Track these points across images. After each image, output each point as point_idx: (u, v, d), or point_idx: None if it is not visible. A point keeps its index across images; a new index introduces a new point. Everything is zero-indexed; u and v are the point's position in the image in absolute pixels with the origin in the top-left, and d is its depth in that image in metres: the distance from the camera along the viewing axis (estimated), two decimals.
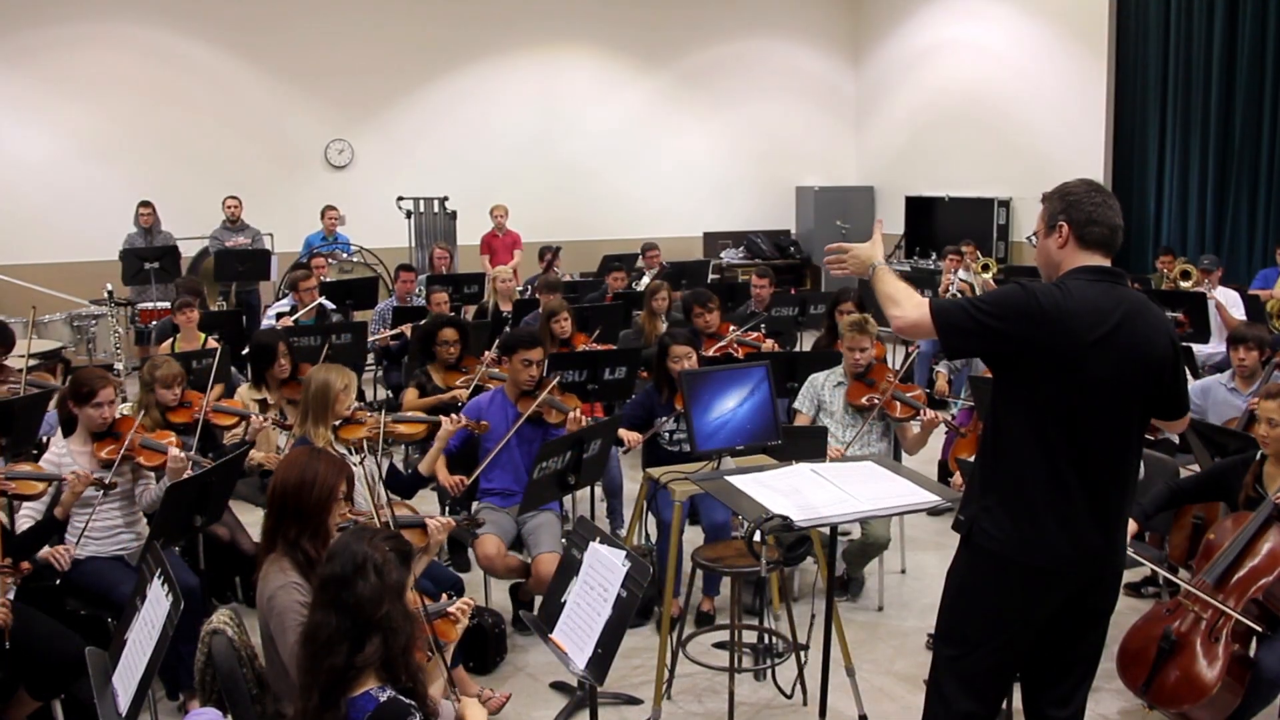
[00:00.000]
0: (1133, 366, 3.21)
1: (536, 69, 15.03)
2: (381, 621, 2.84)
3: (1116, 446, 3.27)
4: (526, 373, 5.82)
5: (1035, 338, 3.19)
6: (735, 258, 16.02)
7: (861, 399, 6.07)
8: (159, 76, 13.13)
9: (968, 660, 3.48)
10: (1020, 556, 3.29)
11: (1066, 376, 3.20)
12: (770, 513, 3.55)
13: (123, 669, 3.46)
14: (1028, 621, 3.39)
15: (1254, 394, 5.95)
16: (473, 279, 10.96)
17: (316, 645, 2.85)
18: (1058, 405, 3.22)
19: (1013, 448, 3.32)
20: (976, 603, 3.45)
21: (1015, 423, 3.32)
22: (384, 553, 2.92)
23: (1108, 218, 3.29)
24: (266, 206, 12.94)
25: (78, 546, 4.89)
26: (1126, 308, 3.22)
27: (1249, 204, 12.04)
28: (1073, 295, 3.20)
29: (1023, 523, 3.28)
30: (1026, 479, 3.28)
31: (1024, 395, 3.29)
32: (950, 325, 3.25)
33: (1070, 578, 3.31)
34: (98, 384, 5.04)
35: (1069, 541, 3.25)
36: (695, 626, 5.71)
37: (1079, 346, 3.16)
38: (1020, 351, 3.24)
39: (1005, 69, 14.28)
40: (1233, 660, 4.19)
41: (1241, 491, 4.68)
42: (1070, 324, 3.16)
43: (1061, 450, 3.23)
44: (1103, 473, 3.25)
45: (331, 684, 2.81)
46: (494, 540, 5.37)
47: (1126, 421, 3.27)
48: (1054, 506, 3.25)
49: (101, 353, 10.91)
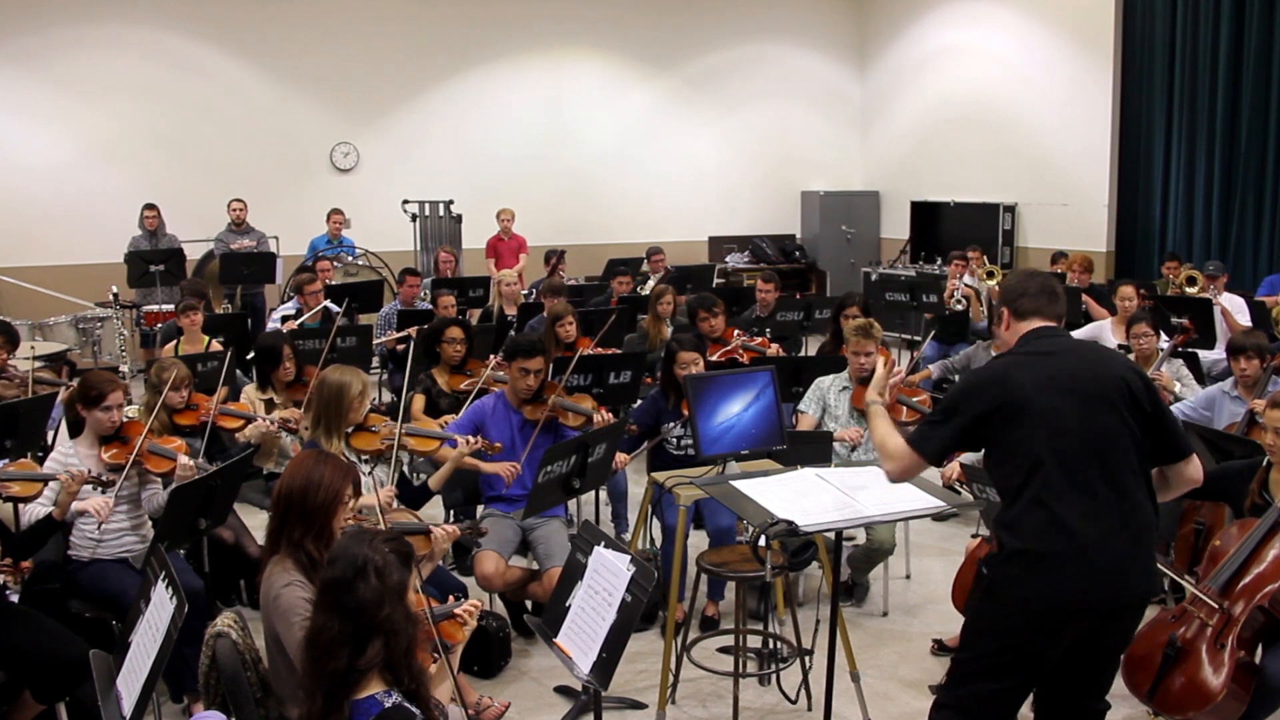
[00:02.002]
0: (1096, 394, 3.37)
1: (542, 72, 15.03)
2: (383, 624, 2.84)
3: (1114, 472, 3.35)
4: (524, 381, 5.80)
5: (991, 403, 3.41)
6: (740, 262, 16.01)
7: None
8: (164, 79, 13.14)
9: (978, 681, 3.51)
10: (1037, 604, 3.35)
11: (1026, 421, 3.35)
12: (775, 517, 3.56)
13: (127, 672, 3.46)
14: (1045, 655, 3.45)
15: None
16: (478, 283, 10.96)
17: (319, 649, 2.85)
18: (1032, 451, 3.35)
19: (1011, 498, 3.42)
20: (995, 635, 3.49)
21: (1006, 476, 3.45)
22: (384, 555, 2.92)
23: (1035, 285, 3.59)
24: (272, 209, 12.95)
25: (93, 548, 4.91)
26: (1067, 350, 3.52)
27: (1255, 210, 12.02)
28: (1013, 358, 3.50)
29: (1039, 572, 3.34)
30: (1040, 530, 3.34)
31: (1003, 452, 3.45)
32: (931, 451, 3.50)
33: (1086, 614, 3.35)
34: (107, 387, 5.04)
35: (1089, 580, 3.31)
36: (700, 631, 5.69)
37: (1034, 393, 3.36)
38: (987, 422, 3.43)
39: (1011, 74, 14.28)
40: (1238, 667, 4.18)
41: (1247, 498, 4.66)
42: (1018, 381, 3.40)
43: (1061, 495, 3.32)
44: (1098, 509, 3.32)
45: (335, 687, 2.81)
46: (492, 558, 5.34)
47: (1116, 444, 3.36)
48: (1072, 553, 3.30)
49: (106, 355, 10.93)
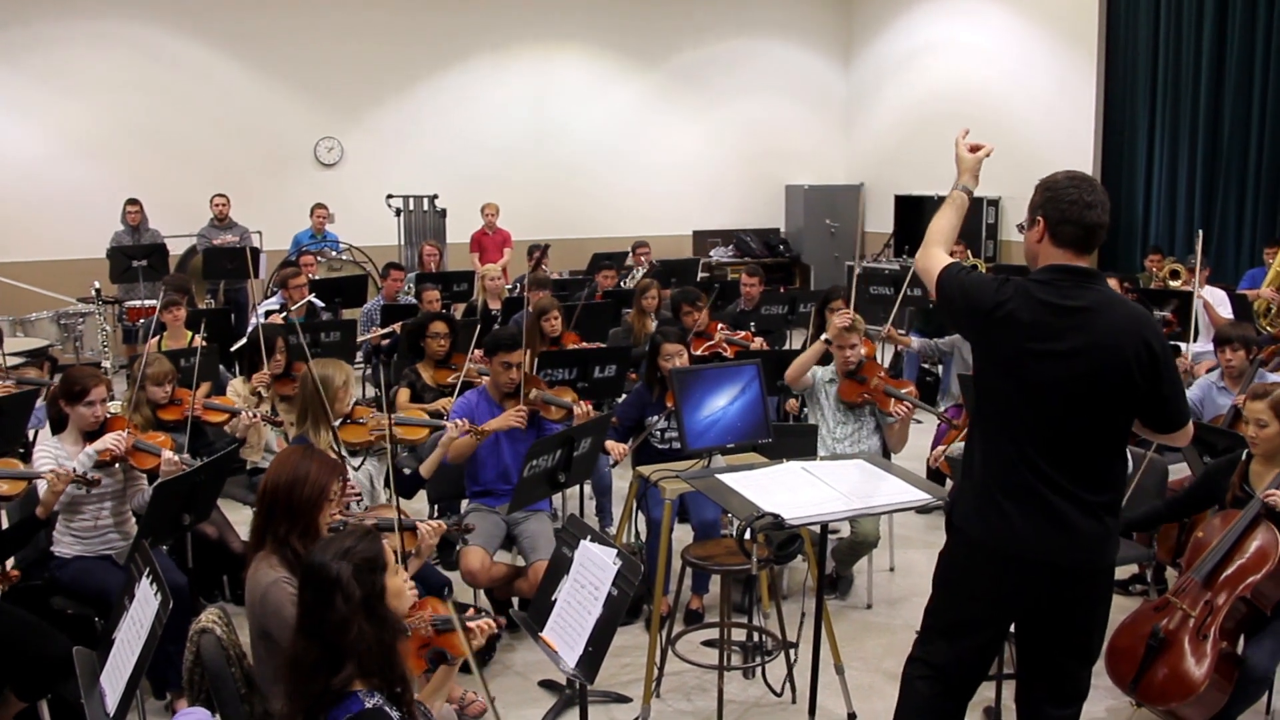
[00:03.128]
0: (1083, 372, 3.22)
1: (527, 67, 15.00)
2: (353, 644, 2.85)
3: (1075, 447, 3.28)
4: (506, 375, 5.77)
5: (983, 334, 3.35)
6: (725, 256, 16.02)
7: (855, 396, 6.07)
8: (147, 74, 13.08)
9: (944, 637, 3.56)
10: (987, 539, 3.36)
11: (1010, 378, 3.29)
12: (761, 511, 3.55)
13: (110, 669, 3.44)
14: (1001, 607, 3.45)
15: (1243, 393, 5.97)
16: (462, 277, 10.95)
17: (300, 673, 2.87)
18: (1007, 403, 3.31)
19: (980, 438, 3.42)
20: (953, 582, 3.55)
21: (981, 413, 3.45)
22: (348, 571, 2.91)
23: (1084, 218, 3.30)
24: (255, 204, 12.90)
25: (73, 545, 4.90)
26: (1090, 310, 3.25)
27: (1237, 204, 12.08)
28: (1026, 300, 3.27)
29: (988, 511, 3.35)
30: (990, 469, 3.37)
31: (984, 388, 3.42)
32: (941, 291, 3.43)
33: (1042, 568, 3.33)
34: (90, 383, 5.00)
35: (1032, 533, 3.29)
36: (684, 625, 5.70)
37: (1019, 353, 3.25)
38: (975, 342, 3.41)
39: (995, 68, 14.32)
40: (1220, 658, 4.20)
41: (1229, 491, 4.69)
42: (1012, 330, 3.25)
43: (1015, 446, 3.30)
44: (1061, 471, 3.27)
45: (314, 706, 2.83)
46: (478, 554, 5.32)
47: (1091, 424, 3.27)
48: (1013, 498, 3.31)
49: (89, 351, 10.86)
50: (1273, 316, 8.49)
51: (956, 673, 3.58)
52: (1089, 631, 3.50)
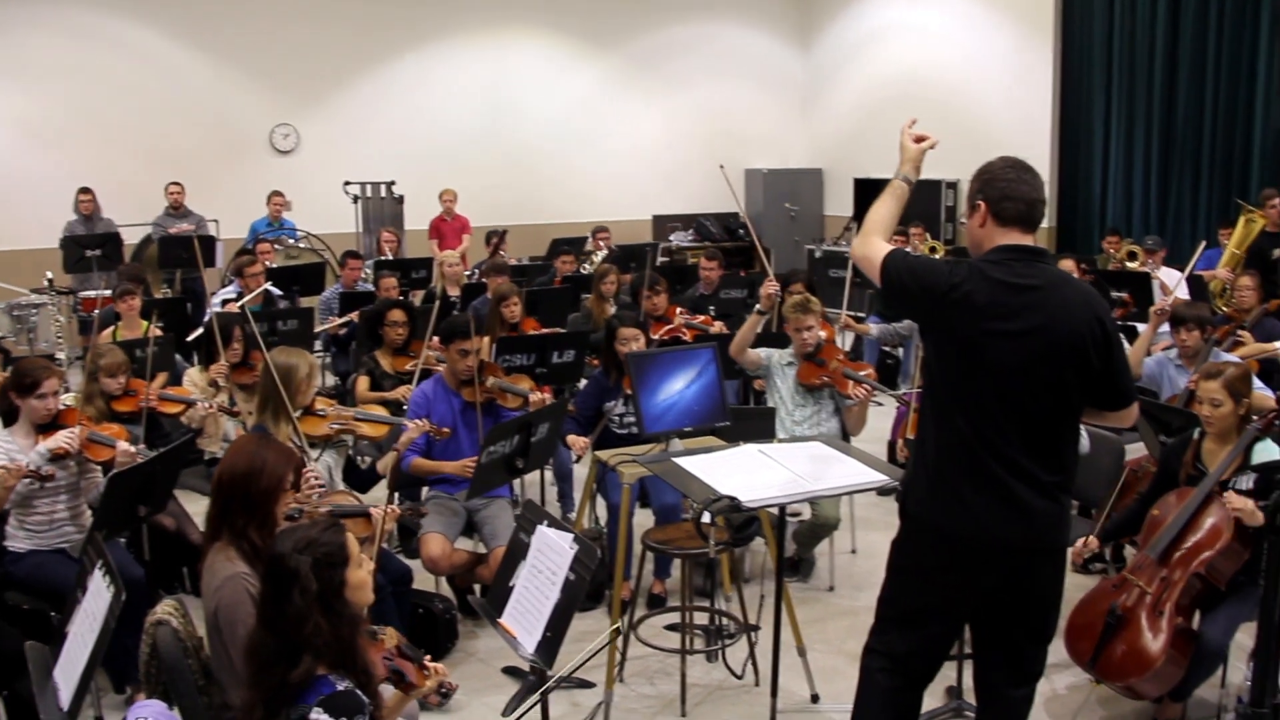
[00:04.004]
0: (1046, 347, 3.22)
1: (485, 52, 14.91)
2: (309, 639, 2.83)
3: (1037, 427, 3.28)
4: (464, 362, 5.75)
5: (937, 316, 3.30)
6: (684, 240, 16.01)
7: (813, 378, 6.08)
8: (98, 60, 12.88)
9: (901, 627, 3.55)
10: (944, 526, 3.35)
11: (967, 360, 3.27)
12: (718, 494, 3.56)
13: (64, 663, 3.41)
14: (959, 593, 3.44)
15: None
16: (420, 264, 10.89)
17: (258, 663, 2.87)
18: (963, 385, 3.29)
19: (933, 421, 3.40)
20: (909, 571, 3.53)
21: (933, 396, 3.42)
22: (309, 564, 2.89)
23: (1023, 193, 3.32)
24: (211, 192, 12.77)
25: (27, 540, 4.84)
26: (1043, 289, 3.25)
27: (1192, 185, 12.18)
28: (981, 281, 3.25)
29: (944, 494, 3.34)
30: (945, 452, 3.35)
31: (937, 370, 3.39)
32: (886, 277, 3.37)
33: (999, 552, 3.34)
34: (41, 375, 4.92)
35: (989, 515, 3.29)
36: (647, 609, 5.71)
37: (977, 334, 3.23)
38: (929, 325, 3.37)
39: (953, 52, 14.35)
40: (1176, 633, 4.25)
41: (1182, 470, 4.73)
42: (969, 311, 3.23)
43: (971, 428, 3.28)
44: (1023, 453, 3.27)
45: (272, 698, 2.81)
46: (438, 540, 5.31)
47: (1047, 403, 3.27)
48: (970, 480, 3.30)
49: (43, 342, 10.74)
50: (1228, 296, 8.56)
51: (916, 662, 3.58)
52: (1045, 611, 3.52)
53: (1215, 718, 4.63)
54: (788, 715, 4.72)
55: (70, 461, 4.92)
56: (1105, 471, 5.48)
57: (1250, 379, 4.78)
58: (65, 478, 4.92)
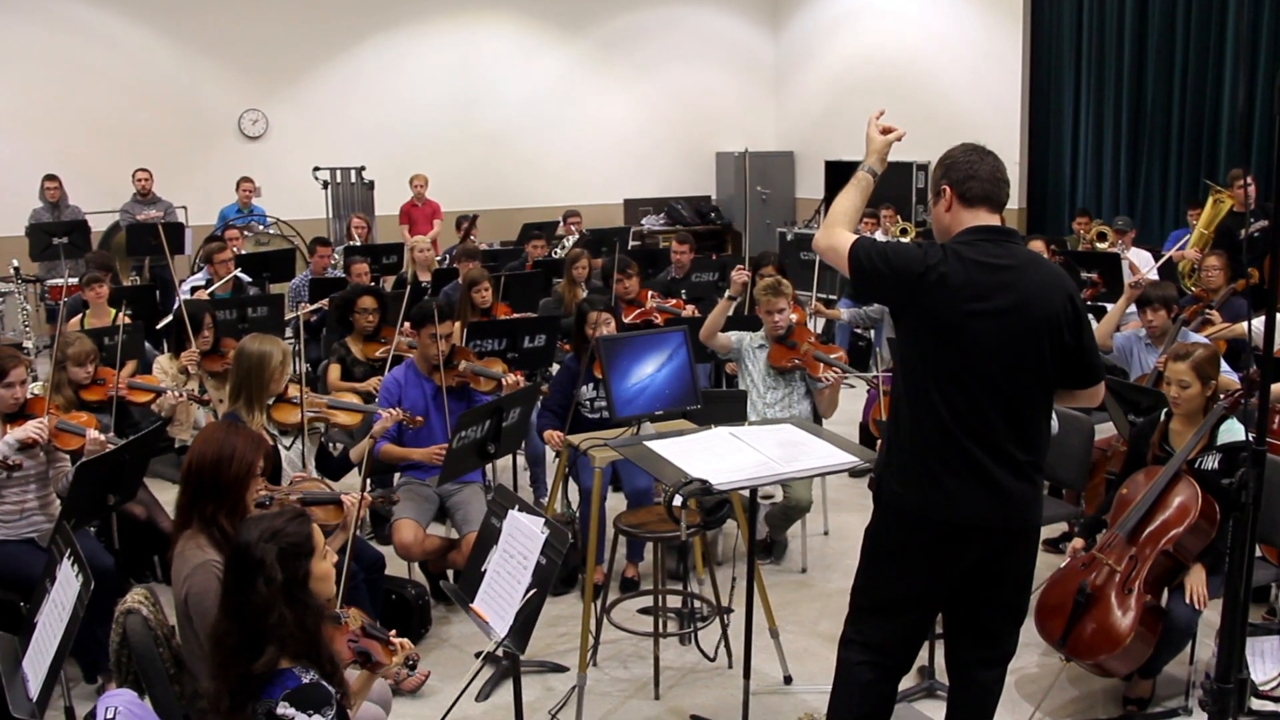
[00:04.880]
0: (1023, 327, 3.23)
1: (455, 36, 14.84)
2: (273, 629, 2.83)
3: (1015, 408, 3.29)
4: (435, 347, 5.73)
5: (914, 299, 3.28)
6: (656, 224, 16.00)
7: (784, 361, 6.09)
8: (63, 45, 12.76)
9: (877, 615, 3.54)
10: (921, 511, 3.35)
11: (945, 341, 3.26)
12: (689, 477, 3.55)
13: (33, 653, 3.39)
14: (936, 578, 3.44)
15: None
16: (391, 249, 10.85)
17: (223, 653, 2.86)
18: (940, 367, 3.28)
19: (908, 405, 3.39)
20: (886, 559, 3.52)
21: (908, 380, 3.40)
22: (274, 554, 2.87)
23: (986, 172, 3.35)
24: (179, 179, 12.71)
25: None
26: (1016, 269, 3.26)
27: (1161, 167, 12.26)
28: (957, 262, 3.25)
29: (921, 479, 3.33)
30: (920, 436, 3.34)
31: (913, 354, 3.37)
32: (856, 265, 3.34)
33: (976, 534, 3.34)
34: (9, 363, 4.88)
35: (966, 497, 3.29)
36: (620, 593, 5.72)
37: (956, 315, 3.22)
38: (905, 312, 3.34)
39: (923, 34, 14.38)
40: (1145, 611, 4.29)
41: (1149, 450, 4.77)
42: (947, 293, 3.22)
43: (949, 410, 3.27)
44: (1001, 433, 3.28)
45: (238, 689, 2.81)
46: (410, 526, 5.31)
47: (1024, 382, 3.28)
48: (947, 463, 3.29)
49: (10, 331, 10.67)
50: (1196, 277, 8.61)
51: (894, 650, 3.58)
52: (1018, 591, 3.54)
53: (1184, 694, 4.67)
54: (761, 697, 4.74)
55: (39, 450, 4.88)
56: (1075, 451, 5.51)
57: (1218, 361, 4.81)
58: (34, 467, 4.88)
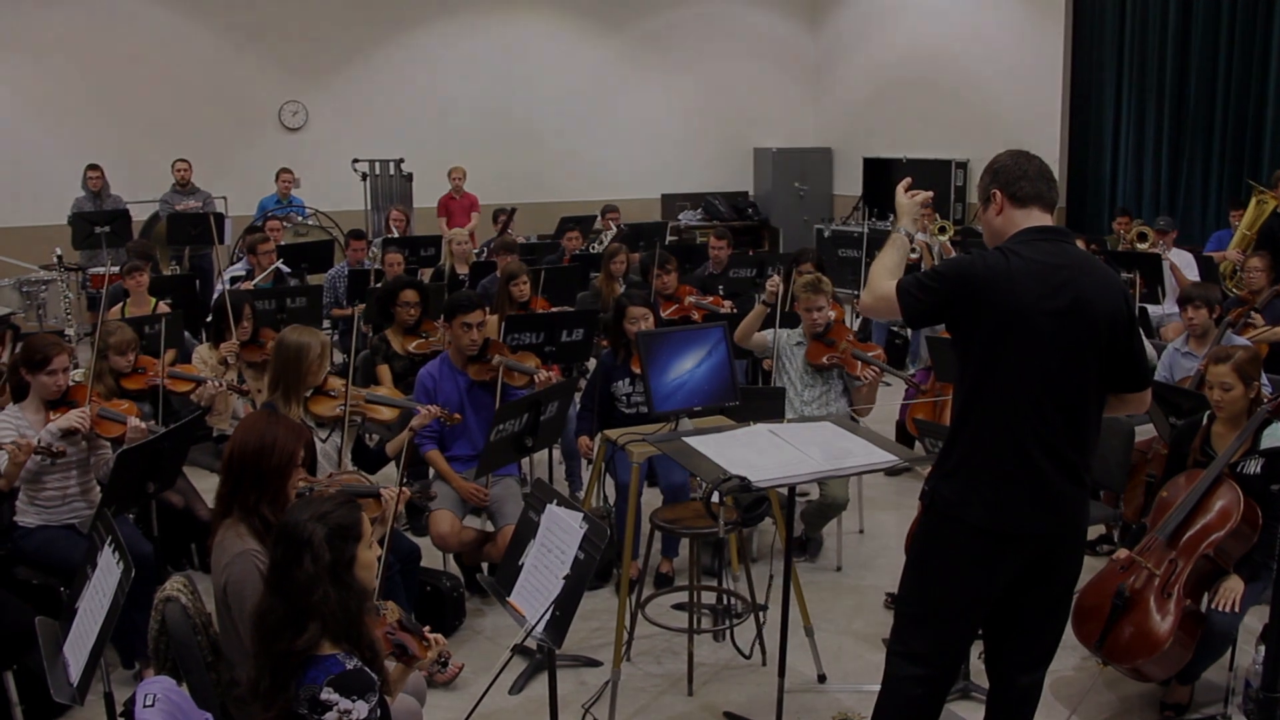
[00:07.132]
0: (1084, 326, 3.21)
1: (494, 29, 14.88)
2: (317, 607, 2.83)
3: (1073, 408, 3.26)
4: (468, 336, 5.72)
5: (983, 304, 3.22)
6: (693, 219, 15.99)
7: (822, 358, 6.07)
8: (107, 37, 12.88)
9: (926, 625, 3.51)
10: (979, 522, 3.30)
11: (1017, 340, 3.21)
12: (728, 474, 3.54)
13: (74, 638, 3.42)
14: (988, 587, 3.41)
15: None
16: (429, 241, 10.88)
17: (266, 629, 2.86)
18: (1006, 366, 3.24)
19: (972, 413, 3.34)
20: (937, 568, 3.47)
21: (973, 387, 3.34)
22: (320, 534, 2.89)
23: (1035, 172, 3.34)
24: (219, 169, 12.79)
25: (37, 516, 4.85)
26: (1074, 268, 3.24)
27: (1203, 166, 12.14)
28: (1019, 260, 3.22)
29: (982, 488, 3.29)
30: (980, 443, 3.30)
31: (979, 360, 3.31)
32: (908, 298, 3.32)
33: (1030, 541, 3.32)
34: (51, 351, 4.93)
35: (1029, 506, 3.27)
36: (654, 588, 5.71)
37: (1027, 312, 3.18)
38: (972, 317, 3.28)
39: (963, 31, 14.27)
40: (1185, 615, 4.24)
41: (1190, 454, 4.72)
42: (1016, 290, 3.18)
43: (1011, 410, 3.24)
44: (1060, 435, 3.25)
45: (279, 667, 2.81)
46: (448, 518, 5.32)
47: (1082, 382, 3.26)
48: (1005, 470, 3.26)
49: (52, 319, 10.75)
50: (1239, 278, 8.53)
51: (942, 660, 3.54)
52: (1063, 594, 3.51)
53: (1223, 700, 4.62)
54: (795, 695, 4.72)
55: (80, 438, 4.93)
56: (1115, 453, 5.47)
57: (1260, 362, 4.76)
58: (76, 454, 4.93)
